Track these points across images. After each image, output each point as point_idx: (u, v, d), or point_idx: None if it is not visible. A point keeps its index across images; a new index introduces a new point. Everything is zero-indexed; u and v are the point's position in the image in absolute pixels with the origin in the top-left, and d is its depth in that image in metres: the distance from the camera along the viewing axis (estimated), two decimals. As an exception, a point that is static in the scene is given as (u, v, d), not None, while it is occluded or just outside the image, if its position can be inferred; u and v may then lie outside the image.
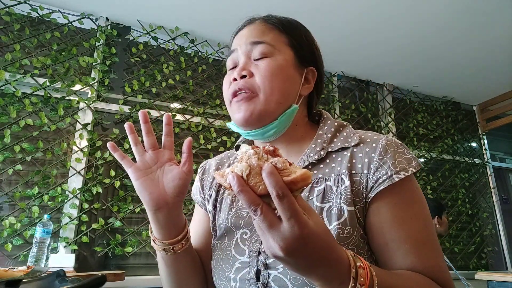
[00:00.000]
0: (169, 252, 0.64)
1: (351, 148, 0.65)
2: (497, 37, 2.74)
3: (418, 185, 0.63)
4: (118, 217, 2.24)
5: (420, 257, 0.56)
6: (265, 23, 0.71)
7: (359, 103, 3.35)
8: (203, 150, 2.59)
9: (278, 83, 0.66)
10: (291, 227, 0.38)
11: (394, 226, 0.58)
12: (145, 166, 0.63)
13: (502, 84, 3.48)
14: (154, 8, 2.47)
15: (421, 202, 0.61)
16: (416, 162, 0.62)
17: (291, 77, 0.69)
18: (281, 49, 0.69)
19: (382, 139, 0.64)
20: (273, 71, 0.66)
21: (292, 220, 0.38)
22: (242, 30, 0.73)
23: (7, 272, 0.82)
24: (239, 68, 0.68)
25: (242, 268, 0.62)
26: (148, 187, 0.61)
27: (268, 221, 0.39)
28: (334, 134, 0.69)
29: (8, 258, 1.96)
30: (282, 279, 0.57)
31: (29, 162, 2.13)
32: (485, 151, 3.85)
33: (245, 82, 0.66)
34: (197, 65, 2.77)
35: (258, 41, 0.68)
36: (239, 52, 0.70)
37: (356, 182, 0.61)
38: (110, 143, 0.63)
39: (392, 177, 0.59)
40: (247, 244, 0.63)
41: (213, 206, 0.76)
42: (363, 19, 2.55)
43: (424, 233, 0.58)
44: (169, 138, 0.65)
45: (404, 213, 0.59)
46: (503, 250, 3.58)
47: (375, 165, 0.61)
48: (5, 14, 2.25)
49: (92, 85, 2.38)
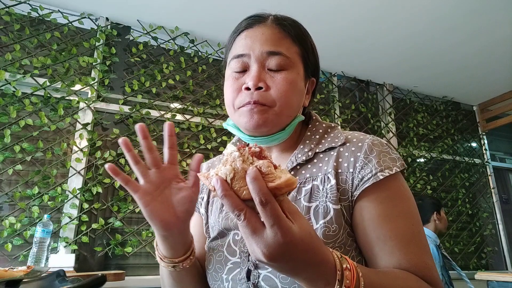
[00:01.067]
0: (178, 269, 0.63)
1: (338, 147, 0.66)
2: (497, 38, 2.74)
3: (405, 184, 0.63)
4: (118, 217, 2.24)
5: (406, 255, 0.55)
6: (279, 28, 0.68)
7: (359, 103, 3.35)
8: (203, 150, 2.59)
9: (291, 98, 0.66)
10: (274, 234, 0.39)
11: (380, 224, 0.57)
12: (152, 189, 0.56)
13: (502, 84, 3.48)
14: (154, 8, 2.47)
15: (408, 200, 0.61)
16: (400, 162, 0.63)
17: (301, 91, 0.69)
18: (295, 62, 0.67)
19: (368, 138, 0.65)
20: (289, 87, 0.65)
21: (275, 227, 0.38)
22: (251, 30, 0.68)
23: (7, 272, 0.83)
24: (254, 77, 0.64)
25: (234, 268, 0.63)
26: (159, 213, 0.56)
27: (252, 227, 0.39)
28: (322, 136, 0.70)
29: (8, 258, 1.96)
30: (272, 279, 0.58)
31: (29, 162, 2.13)
32: (485, 151, 3.86)
33: (261, 96, 0.64)
34: (197, 65, 2.78)
35: (275, 51, 0.65)
36: (252, 58, 0.66)
37: (342, 180, 0.61)
38: (110, 165, 0.55)
39: (377, 175, 0.59)
40: (238, 245, 0.64)
41: (205, 209, 0.77)
42: (363, 20, 2.55)
43: (410, 230, 0.58)
44: (172, 152, 0.59)
45: (389, 211, 0.58)
46: (503, 250, 3.59)
47: (361, 163, 0.61)
48: (5, 14, 2.25)
49: (92, 85, 2.38)
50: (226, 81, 0.70)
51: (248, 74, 0.66)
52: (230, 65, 0.69)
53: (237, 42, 0.69)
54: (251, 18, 0.70)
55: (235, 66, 0.68)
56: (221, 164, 0.42)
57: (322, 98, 3.19)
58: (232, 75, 0.68)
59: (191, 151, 2.55)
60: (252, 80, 0.64)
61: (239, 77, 0.67)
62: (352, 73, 3.34)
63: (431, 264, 0.57)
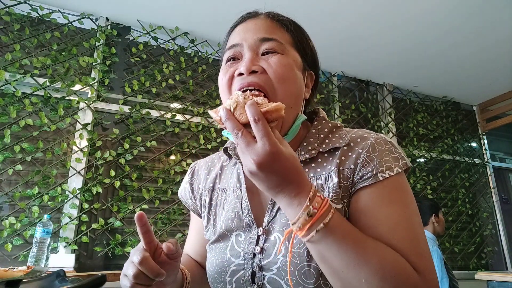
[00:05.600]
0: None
1: (342, 147, 0.64)
2: (497, 38, 2.74)
3: (406, 184, 0.60)
4: (118, 217, 2.24)
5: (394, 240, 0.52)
6: (271, 20, 0.67)
7: (359, 103, 3.35)
8: (203, 150, 2.59)
9: (290, 84, 0.62)
10: (263, 144, 0.46)
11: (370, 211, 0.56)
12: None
13: (502, 84, 3.48)
14: (154, 8, 2.47)
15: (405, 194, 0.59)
16: (403, 162, 0.60)
17: (299, 79, 0.65)
18: (290, 50, 0.65)
19: (372, 137, 0.63)
20: (286, 69, 0.62)
21: (264, 138, 0.46)
22: (244, 24, 0.67)
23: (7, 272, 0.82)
24: (247, 61, 0.61)
25: (238, 270, 0.62)
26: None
27: (246, 141, 0.47)
28: (327, 135, 0.68)
29: (8, 258, 1.96)
30: (277, 281, 0.57)
31: (29, 162, 2.13)
32: (485, 151, 3.86)
33: (257, 78, 0.60)
34: (197, 65, 2.77)
35: (268, 37, 0.63)
36: (244, 47, 0.63)
37: (344, 177, 0.60)
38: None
39: (377, 176, 0.58)
40: (242, 246, 0.63)
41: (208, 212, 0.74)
42: (363, 20, 2.55)
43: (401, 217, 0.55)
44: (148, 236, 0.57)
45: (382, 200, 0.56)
46: (503, 250, 3.58)
47: (362, 161, 0.60)
48: (5, 14, 2.25)
49: (92, 85, 2.38)
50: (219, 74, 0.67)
51: (241, 62, 0.63)
52: (224, 58, 0.67)
53: (230, 37, 0.68)
54: (244, 14, 0.70)
55: (226, 57, 0.65)
56: (227, 100, 0.52)
57: (322, 98, 3.19)
58: (224, 67, 0.66)
59: (191, 151, 2.55)
60: (245, 65, 0.61)
61: (232, 65, 0.64)
62: (352, 73, 3.34)
63: (423, 251, 0.53)
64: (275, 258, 0.59)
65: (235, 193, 0.70)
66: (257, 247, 0.61)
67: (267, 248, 0.60)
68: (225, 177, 0.75)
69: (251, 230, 0.64)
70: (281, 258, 0.58)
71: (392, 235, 0.53)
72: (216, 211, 0.73)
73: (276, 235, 0.61)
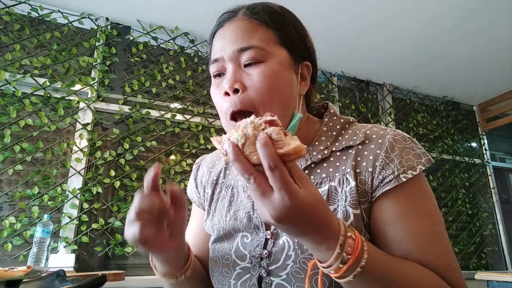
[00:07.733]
0: (180, 279, 0.63)
1: (356, 145, 0.61)
2: (497, 38, 2.74)
3: (426, 182, 0.59)
4: (118, 217, 2.24)
5: (425, 255, 0.52)
6: (249, 19, 0.62)
7: (359, 103, 3.35)
8: (203, 150, 2.59)
9: (276, 94, 0.59)
10: (281, 197, 0.40)
11: (397, 224, 0.54)
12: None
13: (502, 84, 3.48)
14: (154, 8, 2.47)
15: (429, 198, 0.57)
16: (426, 158, 0.58)
17: (288, 81, 0.61)
18: (273, 51, 0.60)
19: (388, 134, 0.60)
20: (269, 80, 0.58)
21: (282, 191, 0.39)
22: (222, 29, 0.64)
23: (7, 272, 0.83)
24: (229, 80, 0.59)
25: (243, 274, 0.60)
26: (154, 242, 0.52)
27: (261, 190, 0.41)
28: (340, 132, 0.64)
29: (8, 258, 1.96)
30: (285, 287, 0.56)
31: (29, 162, 2.13)
32: (485, 151, 3.86)
33: (242, 100, 0.58)
34: (197, 65, 2.78)
35: (245, 47, 0.59)
36: (225, 60, 0.61)
37: (361, 181, 0.57)
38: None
39: (399, 177, 0.55)
40: (248, 249, 0.61)
41: (209, 205, 0.73)
42: (363, 19, 2.55)
43: (431, 231, 0.54)
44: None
45: (408, 210, 0.55)
46: (503, 250, 3.58)
47: (381, 163, 0.57)
48: (5, 14, 2.25)
49: (92, 85, 2.38)
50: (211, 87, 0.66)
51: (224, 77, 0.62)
52: (210, 70, 0.66)
53: (213, 45, 0.66)
54: (223, 15, 0.66)
55: (213, 72, 0.64)
56: (233, 129, 0.43)
57: (322, 98, 3.19)
58: (213, 82, 0.65)
59: (191, 151, 2.55)
60: (227, 83, 0.59)
61: (220, 82, 0.63)
62: (352, 73, 3.34)
63: (454, 265, 0.53)
64: (285, 263, 0.57)
65: (246, 193, 0.68)
66: (265, 251, 0.59)
67: (275, 252, 0.58)
68: (231, 173, 0.74)
69: (259, 232, 0.62)
70: (291, 264, 0.56)
71: (425, 251, 0.52)
72: (217, 205, 0.72)
73: (284, 239, 0.59)
